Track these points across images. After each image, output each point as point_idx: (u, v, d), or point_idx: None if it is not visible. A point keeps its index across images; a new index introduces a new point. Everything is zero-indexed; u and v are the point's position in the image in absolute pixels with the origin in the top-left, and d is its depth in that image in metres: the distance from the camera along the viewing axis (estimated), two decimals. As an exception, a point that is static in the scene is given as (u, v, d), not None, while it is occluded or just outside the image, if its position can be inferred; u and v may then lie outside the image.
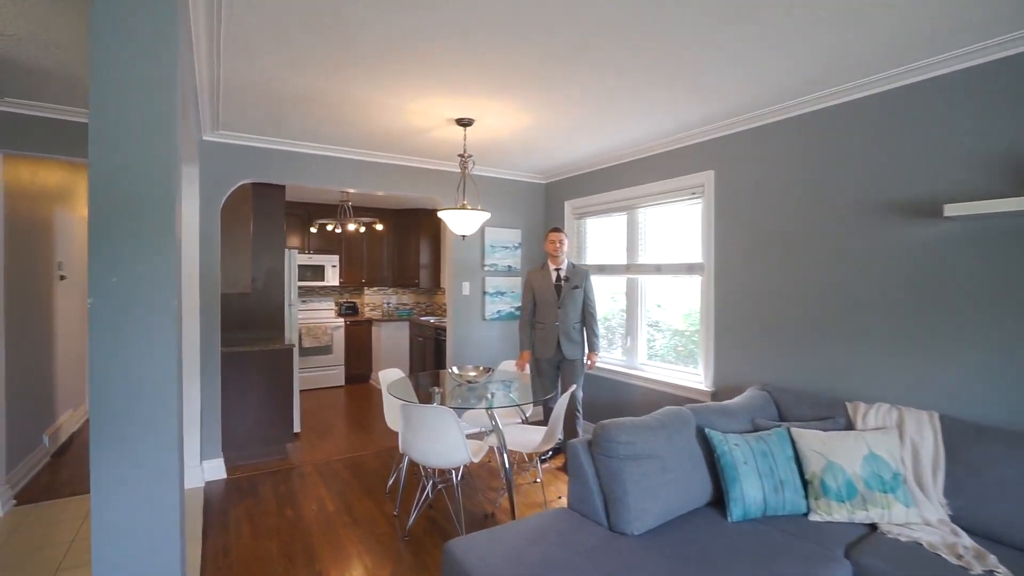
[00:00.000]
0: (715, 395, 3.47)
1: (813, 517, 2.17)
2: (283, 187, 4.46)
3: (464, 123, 3.22)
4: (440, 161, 4.39)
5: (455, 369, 3.37)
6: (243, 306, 4.31)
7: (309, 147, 3.86)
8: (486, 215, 3.17)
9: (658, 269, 3.95)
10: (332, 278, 6.85)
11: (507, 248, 4.89)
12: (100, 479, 1.34)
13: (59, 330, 4.32)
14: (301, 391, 6.29)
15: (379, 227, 6.21)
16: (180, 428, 1.52)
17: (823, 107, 2.83)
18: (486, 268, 4.77)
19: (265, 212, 4.38)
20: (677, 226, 3.86)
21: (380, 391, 6.50)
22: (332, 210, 6.55)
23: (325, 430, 4.84)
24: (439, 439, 2.65)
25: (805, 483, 2.26)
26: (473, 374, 3.37)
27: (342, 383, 6.76)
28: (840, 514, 2.13)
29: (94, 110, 1.32)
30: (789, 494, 2.20)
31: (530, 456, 3.69)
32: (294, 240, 6.63)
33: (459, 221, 3.15)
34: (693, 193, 3.63)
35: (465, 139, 3.28)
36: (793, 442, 2.35)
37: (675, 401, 3.72)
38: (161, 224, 1.36)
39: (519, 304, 4.95)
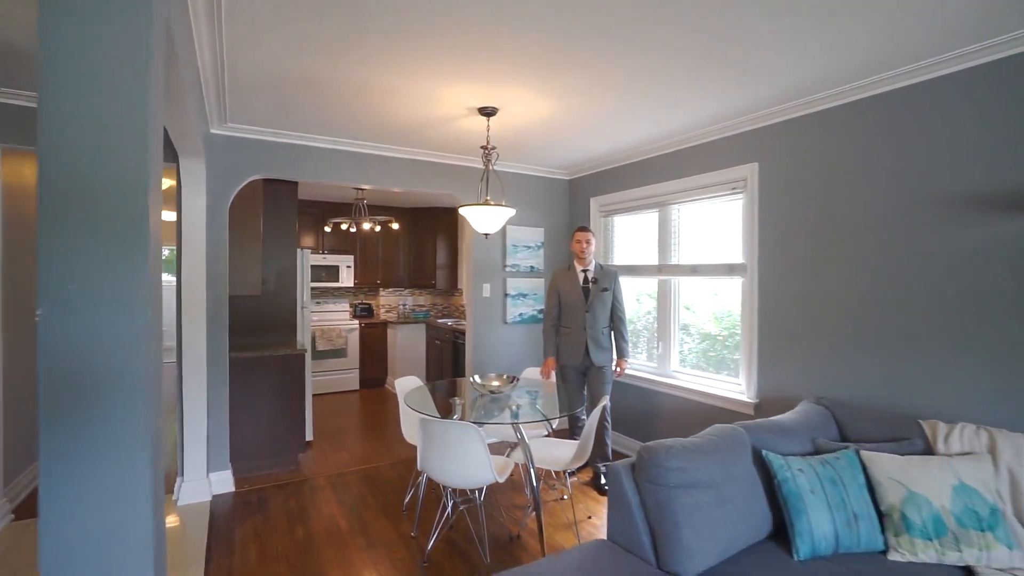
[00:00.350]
0: (759, 408, 3.18)
1: (893, 556, 1.88)
2: (295, 184, 4.27)
3: (487, 112, 2.98)
4: (460, 156, 4.15)
5: (477, 378, 3.13)
6: (253, 309, 4.12)
7: (322, 140, 3.65)
8: (510, 211, 2.93)
9: (694, 270, 3.66)
10: (347, 279, 6.67)
11: (529, 248, 4.64)
12: (49, 495, 1.09)
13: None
14: (314, 395, 6.12)
15: (395, 226, 6.00)
16: (155, 446, 1.28)
17: (900, 87, 2.53)
18: (507, 269, 4.53)
19: (276, 210, 4.19)
20: (715, 224, 3.58)
21: (396, 395, 6.30)
22: (347, 209, 6.36)
23: (339, 438, 4.63)
24: (462, 457, 2.41)
25: (881, 516, 1.97)
26: (496, 383, 3.13)
27: (357, 387, 6.57)
28: (927, 554, 1.84)
29: (44, 87, 1.08)
30: (865, 529, 1.92)
31: (558, 473, 3.44)
32: (308, 240, 6.45)
33: (482, 218, 2.91)
34: (734, 188, 3.34)
35: (488, 130, 3.05)
36: (864, 467, 2.06)
37: (712, 413, 3.44)
38: (129, 220, 1.12)
39: (542, 307, 4.70)
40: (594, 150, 4.00)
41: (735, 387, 3.41)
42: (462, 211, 2.93)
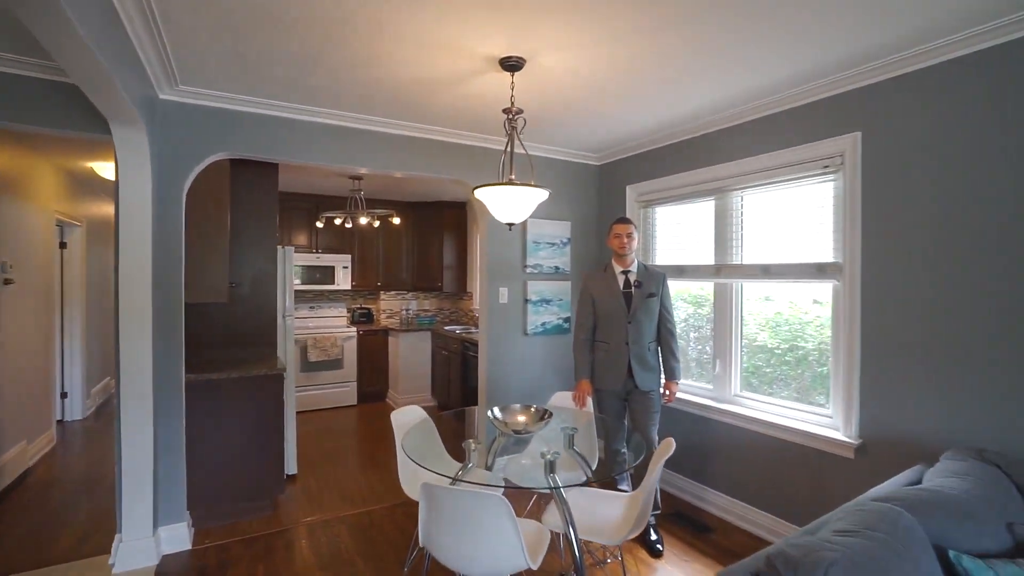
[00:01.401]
0: (863, 451, 2.44)
1: None
2: (274, 168, 3.57)
3: (511, 65, 2.27)
4: (473, 134, 3.45)
5: (497, 412, 2.41)
6: (220, 319, 3.43)
7: (300, 111, 2.95)
8: (543, 193, 2.21)
9: (765, 271, 2.93)
10: (343, 281, 5.98)
11: (554, 245, 3.92)
12: None
13: (6, 344, 3.51)
14: (306, 412, 5.44)
15: (396, 221, 5.31)
16: None
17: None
18: (528, 270, 3.81)
19: (250, 199, 3.49)
20: (793, 214, 2.84)
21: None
22: (342, 203, 5.67)
23: (328, 468, 3.93)
24: (484, 539, 1.70)
25: None
26: (523, 419, 2.41)
27: (354, 402, 5.87)
28: None
29: None
30: None
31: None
32: (300, 237, 5.77)
33: (505, 202, 2.20)
34: (825, 167, 2.61)
35: (513, 88, 2.34)
36: (1106, 577, 1.33)
37: (790, 454, 2.71)
38: None
39: (568, 315, 3.98)
40: (634, 125, 3.27)
41: (822, 419, 2.68)
42: (479, 194, 2.22)
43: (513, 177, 2.24)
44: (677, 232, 3.59)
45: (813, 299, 3.03)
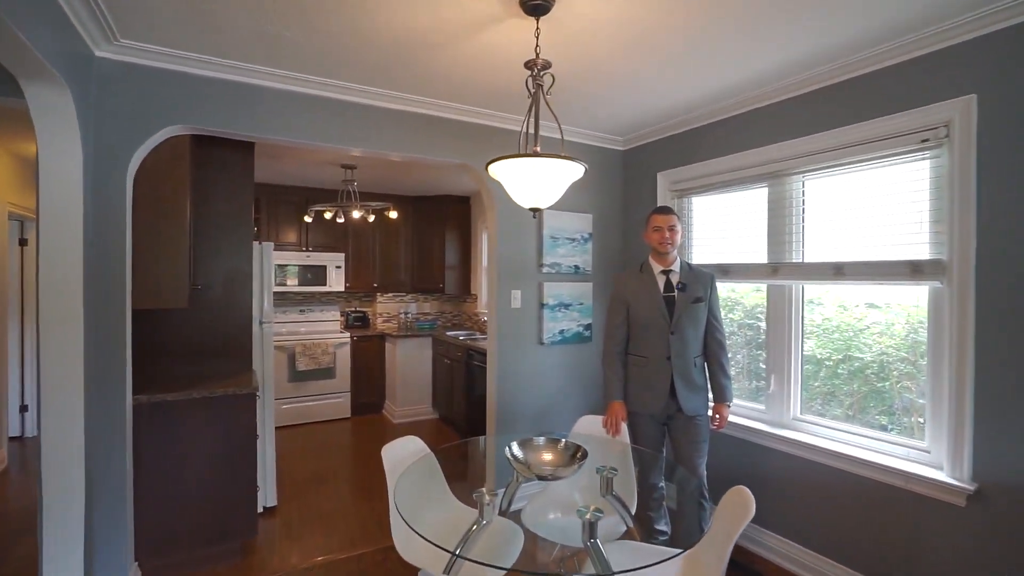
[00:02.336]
0: (978, 498, 1.93)
1: None
2: (249, 148, 3.06)
3: (536, 5, 1.76)
4: (483, 110, 2.94)
5: (515, 449, 1.89)
6: (184, 327, 2.92)
7: (271, 77, 2.44)
8: (578, 168, 1.70)
9: (838, 272, 2.41)
10: (336, 282, 5.47)
11: (574, 241, 3.40)
12: None
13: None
14: (294, 426, 4.95)
15: (393, 214, 4.79)
16: None
17: None
18: (545, 270, 3.30)
19: (219, 184, 2.98)
20: (874, 201, 2.33)
21: (396, 425, 5.13)
22: (335, 197, 5.16)
23: (314, 499, 3.41)
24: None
25: None
26: (549, 457, 1.90)
27: (348, 415, 5.36)
28: None
29: None
30: None
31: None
32: (289, 234, 5.27)
33: (529, 180, 1.68)
34: (923, 141, 2.09)
35: (538, 36, 1.83)
36: None
37: (877, 494, 2.20)
38: None
39: (590, 322, 3.47)
40: (670, 97, 2.77)
41: (913, 452, 2.16)
42: (495, 170, 1.70)
43: (538, 149, 1.72)
44: (720, 226, 3.07)
45: (868, 302, 2.56)
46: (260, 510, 3.13)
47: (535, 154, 1.63)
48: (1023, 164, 1.82)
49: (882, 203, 2.28)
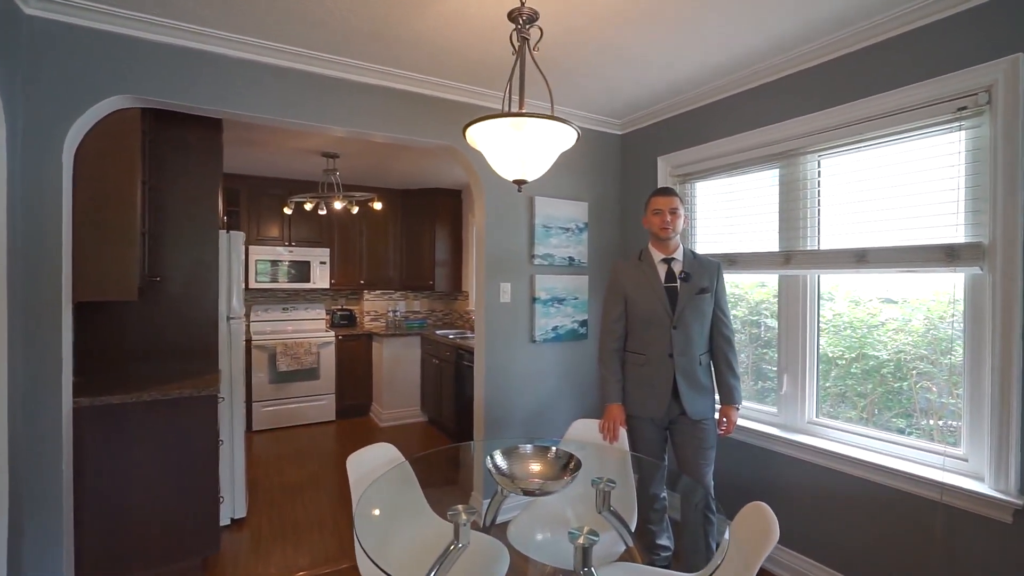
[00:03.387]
0: (1027, 513, 1.69)
1: None
2: (217, 125, 2.80)
3: (520, -54, 1.52)
4: (465, 86, 2.70)
5: (498, 458, 1.64)
6: (140, 323, 2.67)
7: (233, 44, 2.19)
8: (569, 134, 1.46)
9: (860, 258, 2.17)
10: (321, 279, 5.22)
11: (567, 231, 3.16)
12: None
13: None
14: (274, 430, 4.71)
15: (377, 206, 4.54)
16: None
17: None
18: (537, 261, 3.05)
19: (180, 166, 2.73)
20: (900, 180, 2.09)
21: (382, 428, 4.87)
22: (318, 189, 4.90)
23: (288, 509, 3.16)
24: None
25: None
26: (537, 468, 1.65)
27: (332, 418, 5.10)
28: None
29: None
30: None
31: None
32: (271, 228, 5.01)
33: (512, 146, 1.44)
34: (961, 109, 1.86)
35: (522, -13, 1.59)
36: None
37: (907, 508, 1.96)
38: None
39: (586, 317, 3.22)
40: (673, 72, 2.53)
41: (949, 461, 1.92)
42: (473, 134, 1.46)
43: (522, 108, 1.48)
44: (726, 213, 2.84)
45: (882, 297, 2.34)
46: (227, 522, 2.88)
47: (518, 113, 1.39)
48: (1079, 131, 1.59)
49: (910, 182, 2.05)
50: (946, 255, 1.90)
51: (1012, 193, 1.71)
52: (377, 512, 1.67)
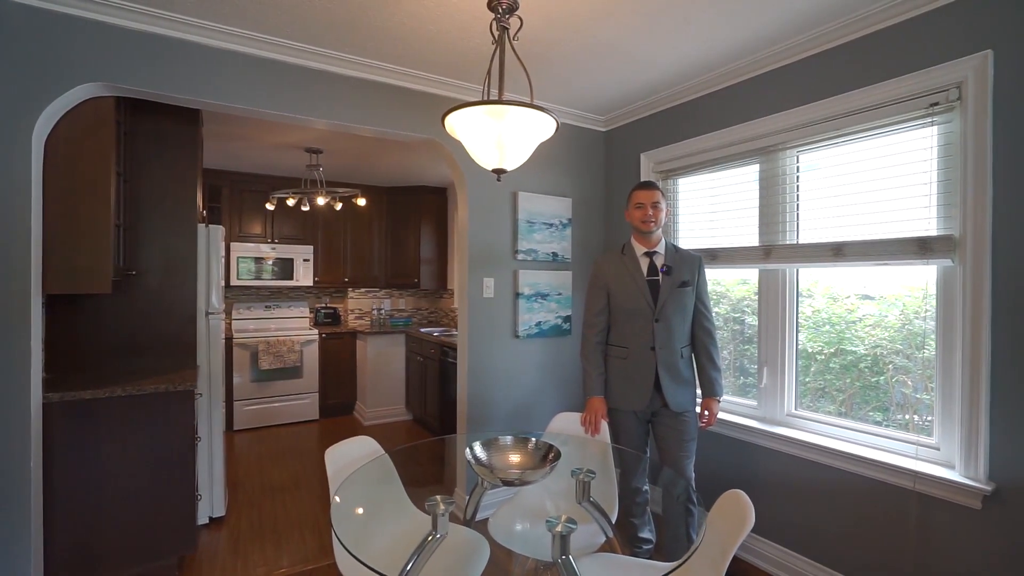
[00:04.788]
0: (996, 499, 1.73)
1: None
2: (195, 115, 2.76)
3: (500, -65, 1.52)
4: (447, 79, 2.69)
5: (478, 450, 1.63)
6: (115, 318, 2.61)
7: (210, 33, 2.16)
8: (548, 123, 1.46)
9: (837, 252, 2.21)
10: (304, 276, 5.16)
11: (551, 226, 3.17)
12: None
13: None
14: (256, 429, 4.65)
15: (361, 202, 4.51)
16: None
17: None
18: (520, 256, 3.05)
19: (156, 158, 2.68)
20: (875, 175, 2.13)
21: (366, 427, 4.83)
22: (302, 185, 4.85)
23: (268, 508, 3.11)
24: None
25: None
26: (516, 459, 1.65)
27: (316, 416, 5.05)
28: None
29: None
30: None
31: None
32: (254, 225, 4.95)
33: (491, 134, 1.43)
34: (933, 104, 1.89)
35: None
36: None
37: (882, 496, 2.00)
38: None
39: (569, 313, 3.23)
40: (654, 68, 2.55)
41: (922, 451, 1.96)
42: (452, 121, 1.45)
43: (502, 98, 1.48)
44: (708, 208, 2.86)
45: (860, 293, 2.39)
46: (205, 521, 2.83)
47: (497, 101, 1.38)
48: (1045, 125, 1.63)
49: (885, 176, 2.08)
50: (919, 248, 1.93)
51: (981, 187, 1.75)
52: (357, 506, 1.65)
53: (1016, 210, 1.69)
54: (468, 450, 1.62)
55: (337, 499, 1.56)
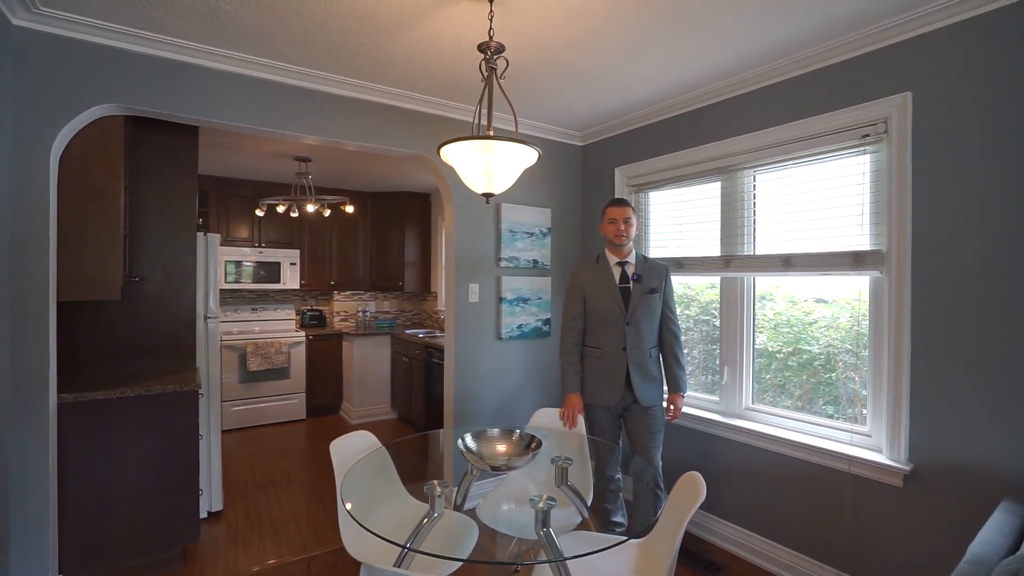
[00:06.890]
0: (914, 477, 2.01)
1: None
2: (193, 131, 2.90)
3: (489, -13, 1.73)
4: (437, 100, 2.89)
5: (468, 441, 1.85)
6: (121, 322, 2.74)
7: (211, 56, 2.32)
8: (531, 154, 1.68)
9: (786, 263, 2.48)
10: (291, 279, 5.28)
11: (532, 235, 3.39)
12: None
13: None
14: (245, 429, 4.75)
15: (349, 209, 4.66)
16: None
17: None
18: (503, 263, 3.27)
19: (159, 171, 2.82)
20: (819, 195, 2.41)
21: (353, 426, 4.95)
22: (290, 191, 4.98)
23: (263, 502, 3.27)
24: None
25: None
26: (502, 448, 1.86)
27: (303, 416, 5.18)
28: None
29: None
30: None
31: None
32: (241, 230, 5.05)
33: (482, 164, 1.65)
34: (864, 136, 2.17)
35: (492, 19, 1.79)
36: None
37: (823, 478, 2.27)
38: None
39: (549, 316, 3.46)
40: (628, 92, 2.79)
41: (856, 438, 2.24)
42: (447, 152, 1.66)
43: (492, 132, 1.69)
44: (675, 220, 3.12)
45: (816, 297, 2.66)
46: (204, 515, 2.97)
47: (487, 136, 1.60)
48: (953, 158, 1.91)
49: (827, 197, 2.36)
50: (854, 260, 2.21)
51: (903, 208, 2.03)
52: (360, 493, 1.84)
53: (930, 230, 1.97)
54: (460, 441, 1.83)
55: (343, 485, 1.75)
